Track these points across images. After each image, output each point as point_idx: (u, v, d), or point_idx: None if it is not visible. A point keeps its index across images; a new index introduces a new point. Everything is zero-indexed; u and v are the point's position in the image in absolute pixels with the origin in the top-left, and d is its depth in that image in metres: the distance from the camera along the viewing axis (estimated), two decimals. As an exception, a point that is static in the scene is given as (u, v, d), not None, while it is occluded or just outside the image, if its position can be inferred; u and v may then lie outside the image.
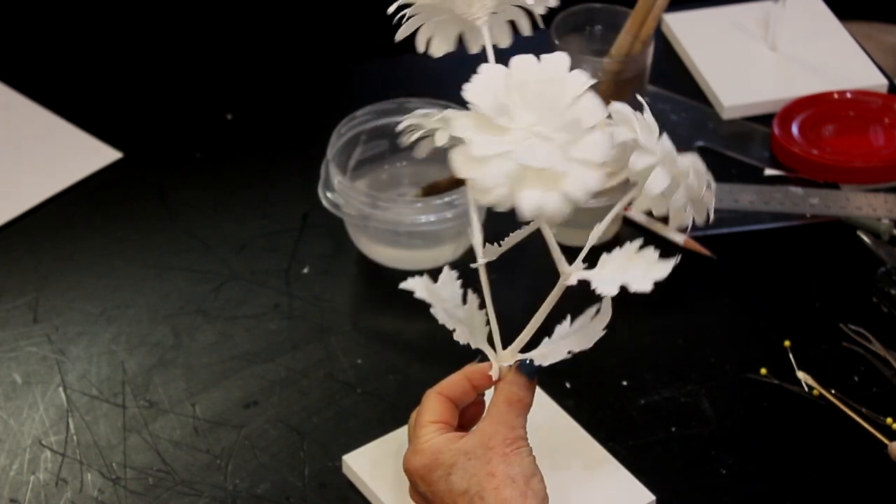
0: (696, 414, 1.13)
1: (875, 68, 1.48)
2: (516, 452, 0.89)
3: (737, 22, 1.55)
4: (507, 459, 0.88)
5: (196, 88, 1.50)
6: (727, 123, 1.43)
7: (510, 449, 0.88)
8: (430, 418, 0.92)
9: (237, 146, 1.42)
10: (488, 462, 0.88)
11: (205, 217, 1.33)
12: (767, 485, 1.08)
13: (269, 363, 1.18)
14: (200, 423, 1.13)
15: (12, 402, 1.15)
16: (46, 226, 1.32)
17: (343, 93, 1.51)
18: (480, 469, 0.88)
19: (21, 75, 1.48)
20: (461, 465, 0.88)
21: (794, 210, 1.30)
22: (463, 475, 0.88)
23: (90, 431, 1.12)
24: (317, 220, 1.31)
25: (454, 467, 0.89)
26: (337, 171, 1.23)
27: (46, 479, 1.09)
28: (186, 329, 1.21)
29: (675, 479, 1.08)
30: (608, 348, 1.19)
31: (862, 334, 1.18)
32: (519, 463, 0.88)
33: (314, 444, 1.11)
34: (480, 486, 0.87)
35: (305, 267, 1.27)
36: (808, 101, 1.42)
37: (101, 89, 1.49)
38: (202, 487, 1.08)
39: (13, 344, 1.20)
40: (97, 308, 1.23)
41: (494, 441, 0.89)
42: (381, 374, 1.17)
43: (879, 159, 1.35)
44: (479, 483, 0.87)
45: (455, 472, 0.88)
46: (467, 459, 0.88)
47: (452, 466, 0.89)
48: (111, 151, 1.40)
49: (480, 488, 0.87)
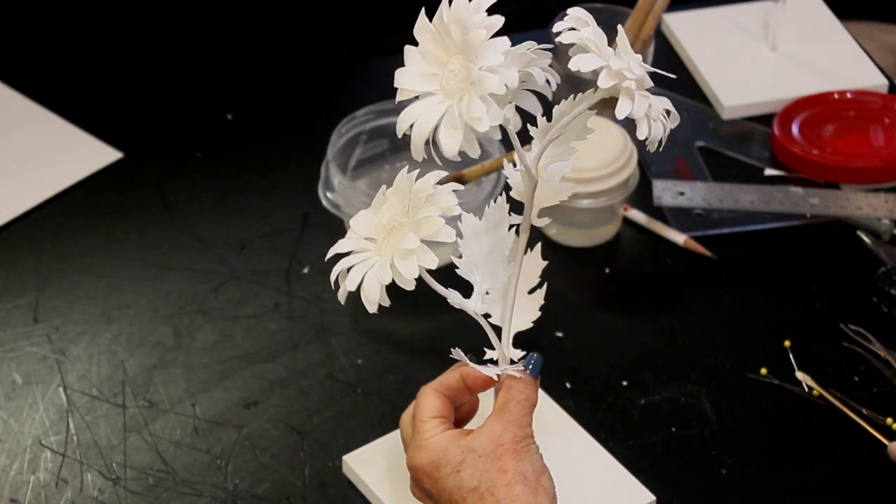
0: (696, 414, 1.13)
1: (875, 68, 1.48)
2: (526, 449, 0.89)
3: (737, 22, 1.55)
4: (518, 456, 0.88)
5: (196, 88, 1.50)
6: (727, 123, 1.43)
7: (520, 446, 0.89)
8: (429, 413, 0.92)
9: (237, 146, 1.42)
10: (499, 458, 0.88)
11: (205, 217, 1.33)
12: (767, 485, 1.08)
13: (269, 363, 1.18)
14: (200, 423, 1.13)
15: (12, 402, 1.15)
16: (46, 226, 1.32)
17: (343, 93, 1.51)
18: (491, 466, 0.88)
19: (21, 75, 1.48)
20: (470, 462, 0.88)
21: (794, 210, 1.30)
22: (473, 472, 0.88)
23: (90, 431, 1.12)
24: (317, 220, 1.31)
25: (463, 464, 0.88)
26: (337, 171, 1.23)
27: (46, 479, 1.09)
28: (186, 329, 1.21)
29: (675, 479, 1.08)
30: (608, 348, 1.19)
31: (862, 334, 1.18)
32: (529, 460, 0.89)
33: (314, 444, 1.11)
34: (492, 483, 0.87)
35: (305, 267, 1.27)
36: (808, 101, 1.42)
37: (101, 89, 1.49)
38: (202, 487, 1.08)
39: (13, 344, 1.20)
40: (97, 308, 1.23)
41: (504, 438, 0.89)
42: (381, 374, 1.17)
43: (879, 159, 1.35)
44: (490, 479, 0.87)
45: (464, 468, 0.88)
46: (477, 456, 0.88)
47: (461, 463, 0.89)
48: (111, 151, 1.40)
49: (492, 484, 0.87)
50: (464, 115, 0.80)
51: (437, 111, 0.81)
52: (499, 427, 0.89)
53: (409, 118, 0.81)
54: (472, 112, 0.79)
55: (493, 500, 0.87)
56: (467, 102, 0.80)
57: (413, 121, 0.81)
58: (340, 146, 1.27)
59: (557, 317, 1.20)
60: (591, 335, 1.20)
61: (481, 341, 0.94)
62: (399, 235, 0.84)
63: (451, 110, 0.80)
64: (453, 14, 0.81)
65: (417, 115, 0.81)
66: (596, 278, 1.27)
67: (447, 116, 0.80)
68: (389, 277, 0.84)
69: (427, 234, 0.83)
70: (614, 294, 1.25)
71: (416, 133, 0.81)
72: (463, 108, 0.80)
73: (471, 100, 0.79)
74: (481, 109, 0.79)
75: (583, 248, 1.29)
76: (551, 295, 0.95)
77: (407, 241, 0.84)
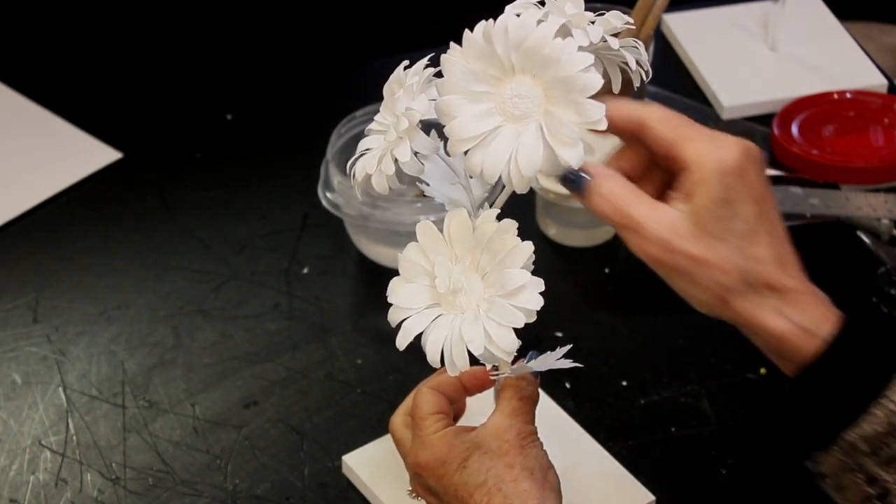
0: (696, 414, 1.13)
1: (875, 68, 1.48)
2: (532, 445, 0.89)
3: (737, 22, 1.55)
4: (524, 452, 0.88)
5: (196, 88, 1.50)
6: (727, 123, 1.43)
7: (525, 442, 0.89)
8: (428, 410, 0.92)
9: (237, 146, 1.42)
10: (505, 454, 0.88)
11: (205, 217, 1.33)
12: (767, 485, 1.08)
13: (269, 363, 1.18)
14: (200, 423, 1.13)
15: (12, 402, 1.15)
16: (46, 226, 1.32)
17: (343, 93, 1.51)
18: (497, 461, 0.88)
19: (21, 75, 1.49)
20: (476, 459, 0.88)
21: (794, 210, 1.30)
22: (479, 468, 0.88)
23: (90, 431, 1.12)
24: (317, 220, 1.31)
25: (468, 460, 0.88)
26: (337, 171, 1.23)
27: (46, 479, 1.09)
28: (186, 329, 1.21)
29: (675, 479, 1.08)
30: (608, 348, 1.19)
31: (862, 334, 1.18)
32: (535, 455, 0.89)
33: (314, 444, 1.11)
34: (499, 479, 0.87)
35: (305, 267, 1.27)
36: (808, 101, 1.42)
37: (101, 89, 1.49)
38: (202, 487, 1.08)
39: (13, 344, 1.20)
40: (97, 308, 1.23)
41: (509, 434, 0.89)
42: (381, 374, 1.17)
43: (879, 159, 1.35)
44: (497, 475, 0.87)
45: (470, 465, 0.88)
46: (482, 452, 0.88)
47: (467, 459, 0.88)
48: (111, 151, 1.40)
49: (499, 480, 0.87)
50: (553, 137, 0.77)
51: (508, 143, 0.77)
52: (503, 423, 0.89)
53: (478, 160, 0.77)
54: (590, 115, 0.76)
55: (501, 496, 0.87)
56: (563, 110, 0.76)
57: (482, 161, 0.77)
58: (340, 146, 1.27)
59: (557, 317, 1.20)
60: (591, 335, 1.20)
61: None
62: (474, 284, 0.82)
63: (530, 131, 0.77)
64: (514, 35, 0.77)
65: (485, 155, 0.78)
66: (596, 278, 1.27)
67: (530, 139, 0.77)
68: (521, 317, 0.81)
69: (521, 264, 0.81)
70: (614, 294, 1.25)
71: (489, 171, 0.77)
72: (554, 130, 0.76)
73: (569, 104, 0.76)
74: (575, 134, 0.76)
75: (583, 248, 1.29)
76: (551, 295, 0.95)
77: (516, 278, 0.80)
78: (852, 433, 0.81)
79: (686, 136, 0.81)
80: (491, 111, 0.79)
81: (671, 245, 0.80)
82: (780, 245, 0.83)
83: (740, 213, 0.81)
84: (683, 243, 0.80)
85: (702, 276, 0.81)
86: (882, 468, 0.81)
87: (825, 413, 0.82)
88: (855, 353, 0.81)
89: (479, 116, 0.78)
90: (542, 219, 1.30)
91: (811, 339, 0.81)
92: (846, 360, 0.81)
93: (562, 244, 1.29)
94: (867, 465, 0.81)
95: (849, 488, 0.83)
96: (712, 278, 0.81)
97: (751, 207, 0.81)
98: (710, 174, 0.80)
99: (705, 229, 0.80)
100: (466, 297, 0.82)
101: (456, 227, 0.84)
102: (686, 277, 0.81)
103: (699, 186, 0.80)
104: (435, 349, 0.82)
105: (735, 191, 0.80)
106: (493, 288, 0.81)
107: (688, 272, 0.81)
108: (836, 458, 0.82)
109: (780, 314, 0.82)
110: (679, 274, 0.81)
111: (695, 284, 0.81)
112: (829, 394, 0.81)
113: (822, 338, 0.81)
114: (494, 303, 0.81)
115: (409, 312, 0.84)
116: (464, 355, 0.82)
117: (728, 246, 0.80)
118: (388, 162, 0.80)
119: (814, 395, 0.82)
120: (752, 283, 0.81)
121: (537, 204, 1.30)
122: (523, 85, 0.78)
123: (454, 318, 0.83)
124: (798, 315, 0.82)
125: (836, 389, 0.81)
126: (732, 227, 0.80)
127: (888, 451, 0.81)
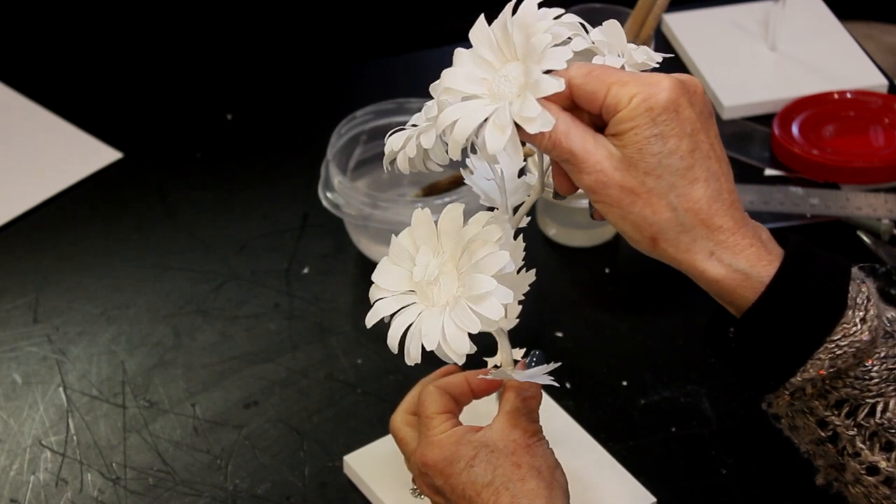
0: (696, 414, 1.13)
1: (875, 68, 1.48)
2: (538, 444, 0.89)
3: (737, 22, 1.55)
4: (531, 451, 0.88)
5: (196, 88, 1.50)
6: (727, 123, 1.43)
7: (532, 441, 0.89)
8: (436, 409, 0.92)
9: (237, 146, 1.42)
10: (513, 453, 0.88)
11: (205, 217, 1.33)
12: (767, 485, 1.08)
13: (269, 363, 1.18)
14: (200, 423, 1.13)
15: (12, 402, 1.15)
16: (46, 226, 1.32)
17: (343, 93, 1.51)
18: (505, 461, 0.88)
19: (21, 75, 1.49)
20: (483, 458, 0.88)
21: (794, 210, 1.30)
22: (486, 467, 0.88)
23: (90, 431, 1.12)
24: (317, 220, 1.31)
25: (476, 459, 0.88)
26: (337, 171, 1.23)
27: (46, 480, 1.09)
28: (186, 329, 1.21)
29: (675, 480, 1.08)
30: (608, 348, 1.19)
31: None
32: (542, 455, 0.89)
33: (314, 444, 1.11)
34: (506, 478, 0.87)
35: (305, 267, 1.27)
36: (808, 101, 1.42)
37: (101, 89, 1.49)
38: (202, 487, 1.08)
39: (13, 344, 1.20)
40: (97, 308, 1.23)
41: (516, 433, 0.89)
42: (381, 374, 1.17)
43: (879, 159, 1.35)
44: (504, 474, 0.87)
45: (477, 463, 0.88)
46: (490, 452, 0.88)
47: (474, 458, 0.88)
48: (111, 151, 1.40)
49: (506, 479, 0.87)
50: (516, 115, 0.77)
51: (483, 111, 0.78)
52: (509, 423, 0.89)
53: (452, 116, 0.78)
54: (527, 112, 0.77)
55: (509, 495, 0.87)
56: (522, 102, 0.77)
57: (456, 118, 0.78)
58: (340, 146, 1.27)
59: (557, 317, 1.20)
60: (591, 335, 1.20)
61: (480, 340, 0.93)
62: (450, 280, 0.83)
63: (502, 110, 0.77)
64: (519, 18, 0.78)
65: (461, 114, 0.78)
66: (596, 278, 1.27)
67: (496, 115, 0.77)
68: (477, 324, 0.81)
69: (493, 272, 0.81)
70: (614, 294, 1.25)
71: (458, 131, 0.78)
72: (516, 109, 0.77)
73: (526, 100, 0.77)
74: (536, 110, 0.77)
75: (583, 248, 1.29)
76: (551, 295, 0.95)
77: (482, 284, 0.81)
78: (799, 377, 0.80)
79: (614, 82, 0.79)
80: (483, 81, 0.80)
81: (605, 174, 0.78)
82: (718, 182, 0.81)
83: (675, 149, 0.78)
84: (615, 174, 0.78)
85: (630, 210, 0.79)
86: (830, 411, 0.81)
87: (770, 358, 0.80)
88: (795, 297, 0.79)
89: (471, 79, 0.80)
90: (542, 219, 1.30)
91: (749, 282, 0.79)
92: (786, 304, 0.79)
93: (562, 244, 1.29)
94: (817, 408, 0.81)
95: (802, 430, 0.83)
96: (640, 213, 0.79)
97: (686, 142, 0.78)
98: (639, 112, 0.77)
99: (639, 165, 0.78)
100: (440, 291, 0.83)
101: (447, 221, 0.84)
102: (618, 211, 0.79)
103: (630, 125, 0.78)
104: (395, 334, 0.83)
105: (668, 126, 0.78)
106: (464, 288, 0.82)
107: (619, 204, 0.79)
108: (787, 400, 0.82)
109: (714, 257, 0.79)
110: (611, 206, 0.79)
111: (624, 219, 0.79)
112: (772, 339, 0.80)
113: (761, 281, 0.79)
114: (459, 304, 0.82)
115: (385, 294, 0.84)
116: (418, 347, 0.82)
117: (660, 182, 0.78)
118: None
119: (757, 340, 0.80)
120: (682, 221, 0.79)
121: (538, 204, 1.30)
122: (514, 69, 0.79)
123: (424, 308, 0.83)
124: (732, 257, 0.80)
125: (779, 334, 0.79)
126: (667, 162, 0.78)
127: (836, 395, 0.81)
